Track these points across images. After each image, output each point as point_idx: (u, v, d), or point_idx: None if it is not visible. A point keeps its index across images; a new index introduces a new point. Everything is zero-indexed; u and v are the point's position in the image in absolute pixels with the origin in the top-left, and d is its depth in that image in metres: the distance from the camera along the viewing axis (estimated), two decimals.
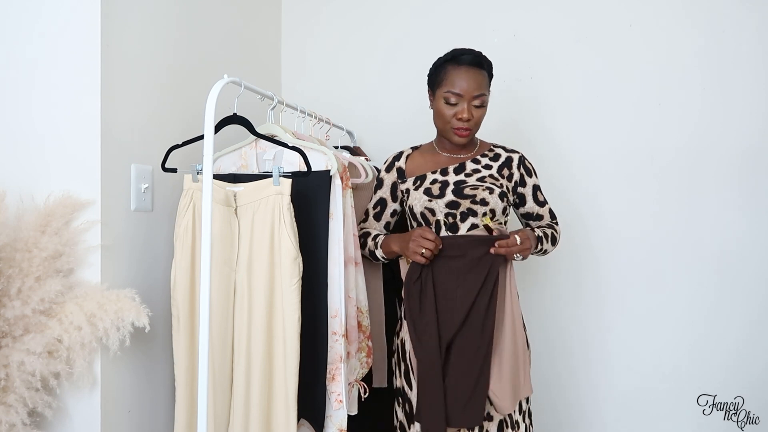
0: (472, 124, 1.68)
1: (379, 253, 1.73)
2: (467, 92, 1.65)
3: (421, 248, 1.58)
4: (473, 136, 1.74)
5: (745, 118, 2.13)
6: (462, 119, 1.66)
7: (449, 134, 1.71)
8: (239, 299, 1.56)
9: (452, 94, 1.66)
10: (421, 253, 1.58)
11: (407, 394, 1.70)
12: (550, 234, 1.74)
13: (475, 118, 1.68)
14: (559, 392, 2.28)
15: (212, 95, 1.44)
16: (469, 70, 1.66)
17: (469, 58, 1.67)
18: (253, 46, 2.36)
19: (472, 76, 1.66)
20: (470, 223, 1.65)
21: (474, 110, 1.67)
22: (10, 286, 1.42)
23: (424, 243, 1.58)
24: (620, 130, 2.23)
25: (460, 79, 1.65)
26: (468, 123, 1.67)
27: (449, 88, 1.66)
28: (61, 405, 1.53)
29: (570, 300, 2.29)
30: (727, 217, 2.14)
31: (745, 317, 2.13)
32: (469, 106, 1.66)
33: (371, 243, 1.75)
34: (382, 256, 1.73)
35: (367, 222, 1.83)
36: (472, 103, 1.66)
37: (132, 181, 1.64)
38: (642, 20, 2.21)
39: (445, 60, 1.70)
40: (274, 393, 1.53)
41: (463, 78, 1.65)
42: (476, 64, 1.67)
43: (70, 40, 1.55)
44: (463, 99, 1.65)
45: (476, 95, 1.66)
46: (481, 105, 1.67)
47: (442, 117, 1.70)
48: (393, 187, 1.81)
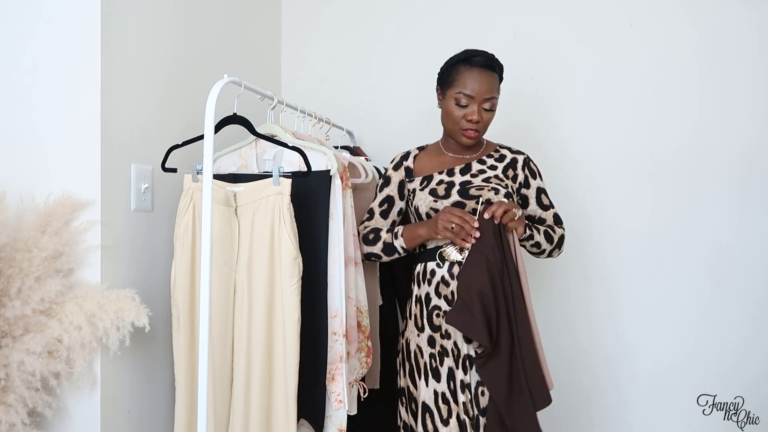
0: (480, 126, 1.68)
1: (399, 243, 1.70)
2: (479, 94, 1.65)
3: (451, 223, 1.58)
4: (481, 137, 1.74)
5: (744, 117, 2.13)
6: (471, 121, 1.66)
7: (457, 135, 1.71)
8: (239, 299, 1.56)
9: (463, 96, 1.66)
10: (451, 228, 1.57)
11: (412, 394, 1.70)
12: (542, 230, 1.73)
13: (485, 120, 1.68)
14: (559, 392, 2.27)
15: (212, 95, 1.44)
16: (481, 72, 1.66)
17: (481, 59, 1.67)
18: (253, 46, 2.36)
19: (484, 78, 1.66)
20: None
21: (484, 113, 1.67)
22: (10, 286, 1.42)
23: (452, 218, 1.58)
24: (620, 130, 2.23)
25: (472, 81, 1.65)
26: (477, 125, 1.67)
27: (461, 89, 1.66)
28: (61, 405, 1.53)
29: (569, 300, 2.29)
30: (727, 217, 2.14)
31: (744, 317, 2.12)
32: (479, 108, 1.66)
33: (387, 235, 1.72)
34: (401, 246, 1.70)
35: (373, 220, 1.81)
36: (483, 105, 1.66)
37: (132, 181, 1.64)
38: (642, 20, 2.22)
39: (457, 60, 1.70)
40: (274, 393, 1.53)
41: (476, 80, 1.65)
42: (488, 66, 1.67)
43: (70, 40, 1.55)
44: (474, 101, 1.66)
45: (487, 98, 1.66)
46: (491, 108, 1.68)
47: (451, 118, 1.70)
48: (401, 185, 1.81)
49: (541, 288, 2.28)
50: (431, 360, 1.66)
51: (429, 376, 1.65)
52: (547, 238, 1.74)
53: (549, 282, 2.29)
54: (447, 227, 1.58)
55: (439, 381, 1.64)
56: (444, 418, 1.62)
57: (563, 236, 1.79)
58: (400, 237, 1.70)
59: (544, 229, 1.75)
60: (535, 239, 1.71)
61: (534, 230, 1.72)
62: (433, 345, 1.66)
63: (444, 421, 1.62)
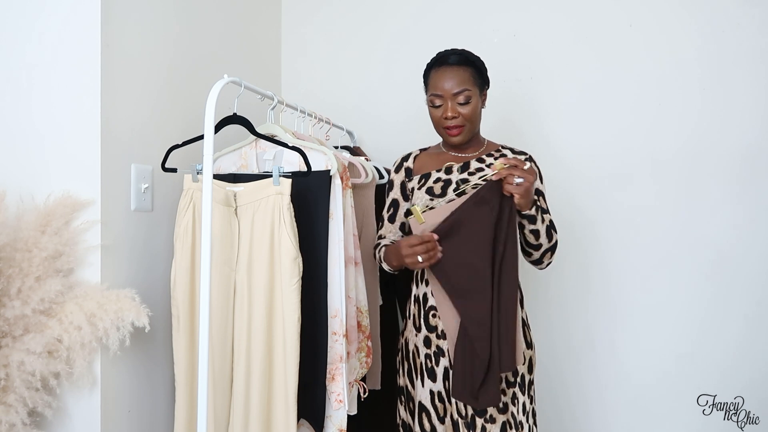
0: (461, 120, 1.67)
1: (385, 266, 1.71)
2: (446, 91, 1.66)
3: (416, 255, 1.54)
4: (471, 134, 1.72)
5: (745, 117, 2.13)
6: (447, 118, 1.67)
7: (444, 136, 1.72)
8: (239, 299, 1.56)
9: (435, 97, 1.68)
10: (419, 260, 1.54)
11: (410, 393, 1.70)
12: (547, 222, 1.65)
13: (463, 114, 1.67)
14: (559, 392, 2.28)
15: (212, 95, 1.44)
16: (448, 69, 1.67)
17: (450, 58, 1.68)
18: (253, 46, 2.36)
19: (450, 75, 1.66)
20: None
21: (459, 107, 1.66)
22: (10, 286, 1.42)
23: (414, 249, 1.54)
24: (620, 130, 2.23)
25: (439, 80, 1.67)
26: (456, 120, 1.67)
27: (432, 91, 1.68)
28: (61, 405, 1.53)
29: (568, 301, 2.29)
30: (727, 217, 2.14)
31: (744, 317, 2.12)
32: (452, 104, 1.66)
33: (378, 256, 1.74)
34: (389, 270, 1.71)
35: (383, 228, 1.82)
36: (457, 100, 1.66)
37: (132, 181, 1.64)
38: (642, 20, 2.21)
39: (430, 65, 1.73)
40: (274, 393, 1.53)
41: (441, 78, 1.67)
42: (456, 62, 1.67)
43: (70, 40, 1.55)
44: (444, 98, 1.66)
45: (456, 92, 1.65)
46: (465, 101, 1.66)
47: (433, 120, 1.72)
48: (402, 186, 1.82)
49: (540, 288, 2.29)
50: (427, 360, 1.66)
51: (425, 376, 1.66)
52: (547, 233, 1.64)
53: (548, 282, 2.29)
54: (415, 261, 1.54)
55: (435, 381, 1.64)
56: (440, 416, 1.63)
57: (557, 243, 1.70)
58: (383, 261, 1.71)
59: (548, 223, 1.66)
60: (537, 225, 1.62)
61: (540, 215, 1.62)
62: (428, 345, 1.66)
63: (440, 419, 1.63)
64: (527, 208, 1.57)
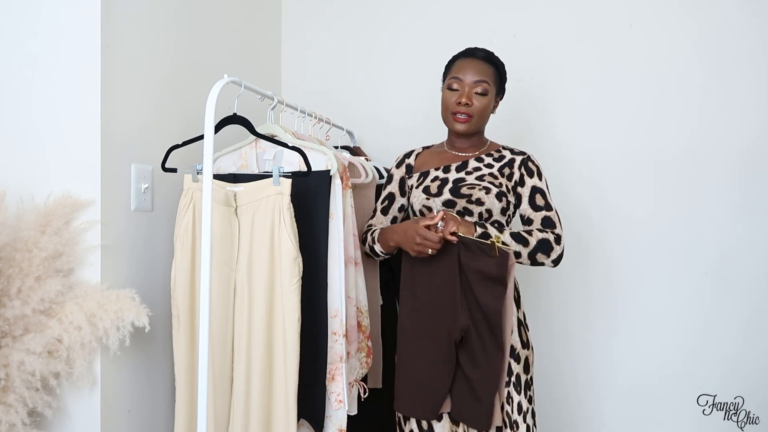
0: (472, 110, 1.69)
1: (378, 248, 1.71)
2: (468, 77, 1.69)
3: (427, 248, 1.56)
4: (476, 128, 1.73)
5: (745, 117, 2.13)
6: (461, 103, 1.68)
7: (450, 122, 1.73)
8: (239, 299, 1.56)
9: (455, 80, 1.71)
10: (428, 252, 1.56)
11: None
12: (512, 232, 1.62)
13: (476, 105, 1.69)
14: (560, 392, 2.28)
15: (212, 95, 1.44)
16: (475, 60, 1.72)
17: (478, 52, 1.74)
18: (253, 46, 2.36)
19: (476, 65, 1.71)
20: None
21: (474, 97, 1.69)
22: (10, 286, 1.42)
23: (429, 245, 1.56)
24: (620, 130, 2.23)
25: (463, 67, 1.72)
26: (467, 108, 1.68)
27: (453, 74, 1.72)
28: (61, 405, 1.53)
29: (568, 301, 2.28)
30: (727, 217, 2.14)
31: (745, 317, 2.12)
32: (470, 91, 1.69)
33: (369, 238, 1.74)
34: (380, 251, 1.70)
35: (374, 218, 1.83)
36: (474, 89, 1.69)
37: (132, 181, 1.64)
38: (642, 20, 2.21)
39: (456, 56, 1.77)
40: (274, 393, 1.53)
41: (466, 66, 1.71)
42: (483, 57, 1.73)
43: (70, 40, 1.55)
44: (463, 84, 1.69)
45: (477, 80, 1.69)
46: (483, 93, 1.69)
47: (444, 104, 1.74)
48: (401, 181, 1.82)
49: (542, 289, 2.28)
50: None
51: None
52: (516, 239, 1.60)
53: (549, 283, 2.29)
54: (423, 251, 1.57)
55: None
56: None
57: (547, 240, 1.61)
58: (377, 241, 1.71)
59: (516, 232, 1.63)
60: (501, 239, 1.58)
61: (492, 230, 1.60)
62: None
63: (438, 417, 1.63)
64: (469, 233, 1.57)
